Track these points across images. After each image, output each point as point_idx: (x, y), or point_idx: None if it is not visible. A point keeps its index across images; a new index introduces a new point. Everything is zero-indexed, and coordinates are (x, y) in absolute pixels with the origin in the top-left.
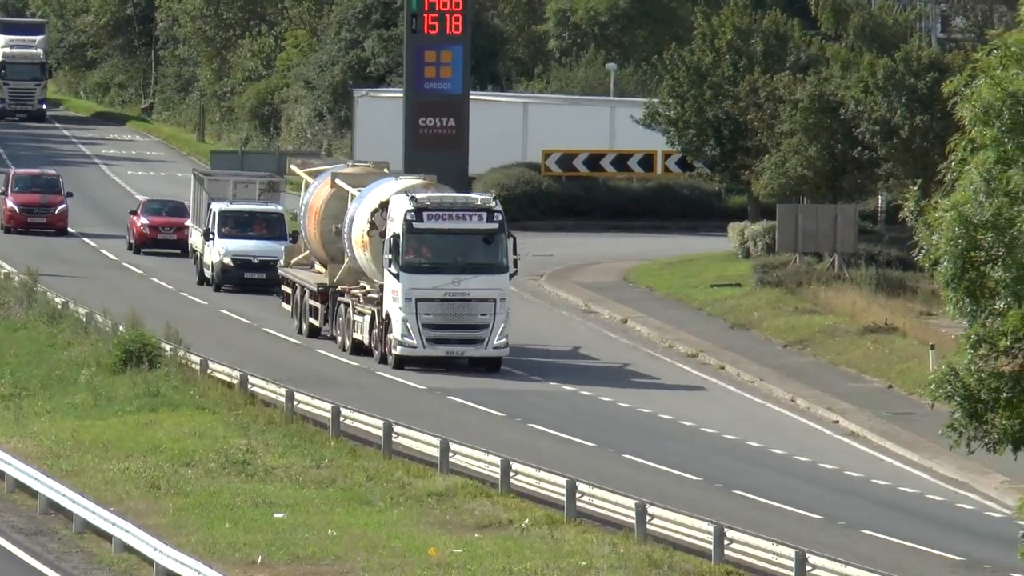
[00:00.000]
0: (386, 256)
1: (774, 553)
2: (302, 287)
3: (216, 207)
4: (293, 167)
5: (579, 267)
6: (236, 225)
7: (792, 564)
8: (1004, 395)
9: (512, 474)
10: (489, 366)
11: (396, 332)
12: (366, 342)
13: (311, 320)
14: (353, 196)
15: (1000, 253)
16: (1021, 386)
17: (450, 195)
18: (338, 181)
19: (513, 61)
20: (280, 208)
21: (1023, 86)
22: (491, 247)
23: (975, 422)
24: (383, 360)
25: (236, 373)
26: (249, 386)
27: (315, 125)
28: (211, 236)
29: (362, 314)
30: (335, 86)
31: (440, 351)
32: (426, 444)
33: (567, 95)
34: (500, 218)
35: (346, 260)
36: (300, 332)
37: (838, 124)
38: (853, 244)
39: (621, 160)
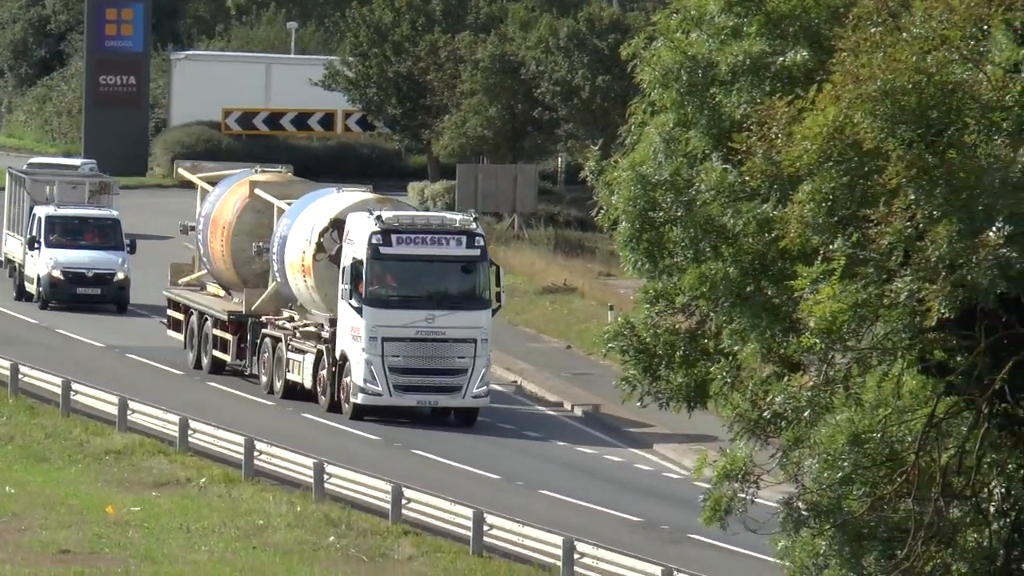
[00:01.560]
0: (343, 286)
1: (452, 513)
2: (201, 314)
3: (41, 212)
4: (182, 171)
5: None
6: (66, 233)
7: (470, 524)
8: (680, 352)
9: (190, 432)
10: (463, 418)
11: (357, 377)
12: (307, 385)
13: (216, 353)
14: (281, 210)
15: (679, 214)
16: (696, 343)
17: (422, 215)
18: (259, 191)
19: (194, 19)
20: (116, 213)
21: (702, 49)
22: (471, 277)
23: (649, 377)
24: (333, 408)
25: None
26: None
27: None
28: (36, 245)
29: (301, 352)
30: (15, 43)
31: (410, 400)
32: (104, 402)
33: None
34: (482, 243)
35: (272, 285)
36: (198, 367)
37: (519, 84)
38: (533, 204)
39: (301, 119)
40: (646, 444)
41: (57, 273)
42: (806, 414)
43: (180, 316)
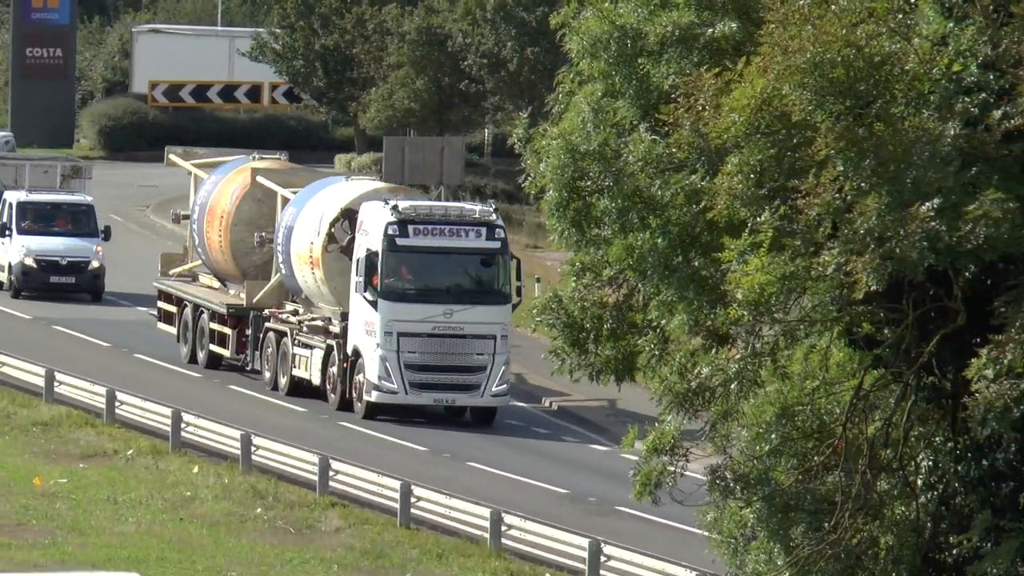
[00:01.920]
0: (357, 279)
1: (379, 485)
2: (197, 306)
3: (13, 197)
4: (173, 157)
5: (183, 197)
6: (38, 219)
7: (397, 496)
8: (607, 325)
9: (118, 404)
10: (480, 418)
11: (371, 374)
12: (316, 382)
13: (213, 347)
14: (285, 199)
15: (607, 184)
16: (624, 317)
17: (440, 204)
18: (261, 179)
19: None
20: (90, 198)
21: (631, 19)
22: (491, 271)
23: (577, 350)
24: (344, 406)
25: None
26: None
27: None
28: (8, 232)
29: (309, 347)
30: None
31: (427, 398)
32: (31, 374)
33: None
34: (502, 235)
35: (275, 277)
36: (193, 361)
37: (446, 57)
38: (460, 177)
39: (228, 91)
40: (571, 416)
41: (30, 261)
42: (733, 386)
43: (172, 308)
